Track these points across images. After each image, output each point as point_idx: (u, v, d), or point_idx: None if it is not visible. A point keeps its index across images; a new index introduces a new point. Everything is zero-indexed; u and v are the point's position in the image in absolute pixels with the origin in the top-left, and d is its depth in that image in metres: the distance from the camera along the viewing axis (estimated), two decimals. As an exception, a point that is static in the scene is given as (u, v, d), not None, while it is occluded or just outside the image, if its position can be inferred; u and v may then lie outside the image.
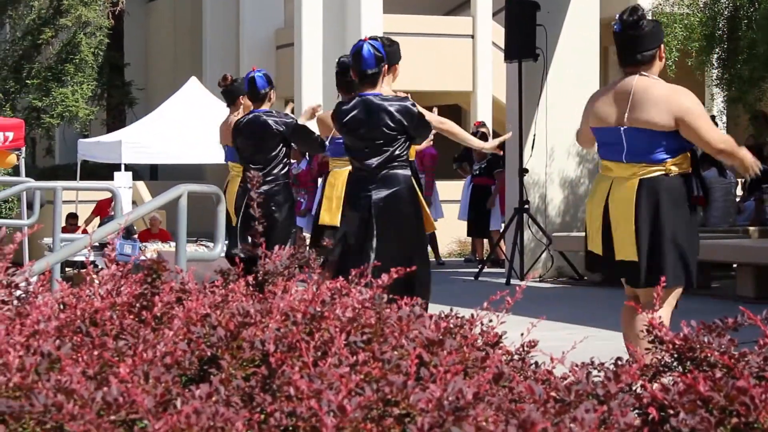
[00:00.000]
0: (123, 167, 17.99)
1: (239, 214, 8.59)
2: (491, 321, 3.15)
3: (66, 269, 15.49)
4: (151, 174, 27.06)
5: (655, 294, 3.48)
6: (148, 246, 14.88)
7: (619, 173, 5.79)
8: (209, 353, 2.80)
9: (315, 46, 22.36)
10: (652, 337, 3.04)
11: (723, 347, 2.87)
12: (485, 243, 16.87)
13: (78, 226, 18.70)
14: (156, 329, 2.97)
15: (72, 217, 18.70)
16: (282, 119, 8.68)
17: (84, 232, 17.46)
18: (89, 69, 26.00)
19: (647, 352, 3.08)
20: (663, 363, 2.97)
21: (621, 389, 2.58)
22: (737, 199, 15.60)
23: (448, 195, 17.87)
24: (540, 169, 14.21)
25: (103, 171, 20.80)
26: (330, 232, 7.81)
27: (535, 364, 3.05)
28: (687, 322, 3.03)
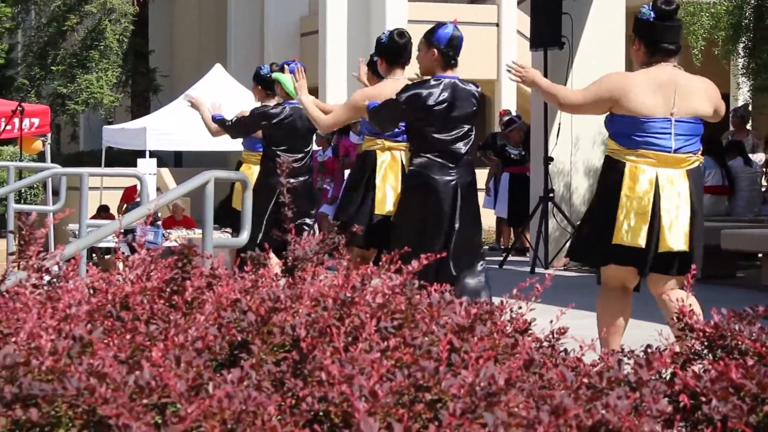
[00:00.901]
0: (147, 154, 18.02)
1: (268, 203, 8.63)
2: (520, 308, 3.15)
3: (92, 255, 15.51)
4: (176, 161, 27.14)
5: (686, 282, 3.48)
6: (172, 233, 14.90)
7: (666, 164, 5.70)
8: (240, 338, 2.81)
9: (340, 33, 22.36)
10: (682, 325, 3.04)
11: (754, 335, 2.86)
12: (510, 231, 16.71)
13: (111, 214, 17.35)
14: (187, 314, 2.97)
15: (104, 210, 17.53)
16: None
17: (119, 220, 16.84)
18: (114, 56, 26.10)
19: (677, 340, 3.09)
20: (693, 351, 2.97)
21: (652, 376, 2.57)
22: (763, 189, 15.52)
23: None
24: (565, 158, 14.16)
25: (128, 157, 20.86)
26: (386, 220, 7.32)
27: (565, 351, 3.05)
28: (717, 309, 3.02)
